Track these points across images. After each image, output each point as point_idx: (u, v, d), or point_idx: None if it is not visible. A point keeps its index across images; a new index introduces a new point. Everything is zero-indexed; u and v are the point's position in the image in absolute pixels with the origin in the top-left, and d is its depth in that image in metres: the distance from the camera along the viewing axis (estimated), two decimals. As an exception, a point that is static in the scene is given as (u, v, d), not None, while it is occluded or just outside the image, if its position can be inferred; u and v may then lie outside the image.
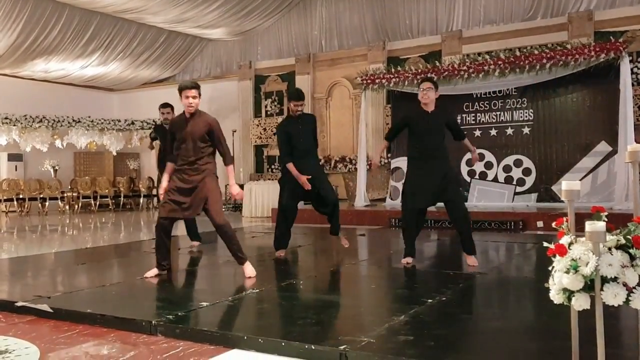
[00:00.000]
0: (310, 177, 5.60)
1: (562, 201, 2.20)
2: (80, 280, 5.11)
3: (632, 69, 9.75)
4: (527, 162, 10.55)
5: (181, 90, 4.72)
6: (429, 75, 10.75)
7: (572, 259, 2.01)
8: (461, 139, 5.45)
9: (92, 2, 13.13)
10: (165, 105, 7.05)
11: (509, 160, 10.68)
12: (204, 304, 3.75)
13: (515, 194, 10.55)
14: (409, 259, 5.25)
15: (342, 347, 2.69)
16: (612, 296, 1.94)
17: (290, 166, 5.66)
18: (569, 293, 2.02)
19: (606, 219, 2.06)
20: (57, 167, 15.53)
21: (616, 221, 2.15)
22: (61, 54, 14.69)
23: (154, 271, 4.87)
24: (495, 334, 3.10)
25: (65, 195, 15.23)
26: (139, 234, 9.36)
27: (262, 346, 2.87)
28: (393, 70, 11.44)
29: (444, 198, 5.14)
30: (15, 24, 12.95)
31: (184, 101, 4.69)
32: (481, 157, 10.86)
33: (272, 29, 15.45)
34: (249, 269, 4.77)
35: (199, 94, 4.75)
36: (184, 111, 4.78)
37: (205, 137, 4.73)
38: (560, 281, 2.03)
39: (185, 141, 4.71)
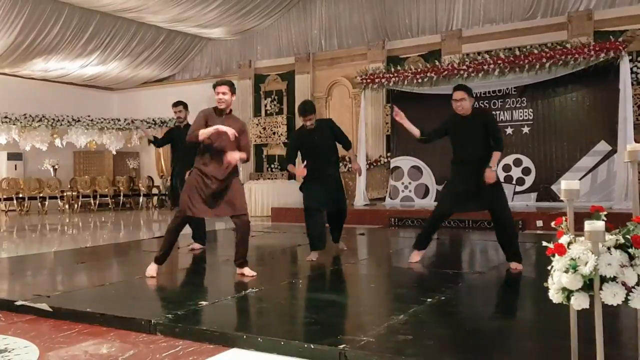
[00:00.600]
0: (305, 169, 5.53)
1: (562, 200, 2.20)
2: (79, 279, 5.11)
3: (631, 69, 9.74)
4: (527, 162, 10.56)
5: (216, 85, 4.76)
6: (427, 74, 10.76)
7: (571, 259, 2.01)
8: (494, 149, 4.88)
9: (91, 1, 13.12)
10: (176, 103, 6.67)
11: (509, 159, 10.68)
12: (204, 303, 3.75)
13: (515, 193, 10.55)
14: (417, 256, 5.24)
15: (341, 347, 2.69)
16: (611, 296, 1.94)
17: (289, 167, 5.72)
18: (568, 292, 2.02)
19: (605, 219, 2.06)
20: (56, 166, 15.53)
21: (615, 220, 2.15)
22: (61, 53, 14.68)
23: (155, 267, 4.83)
24: (495, 333, 3.11)
25: (65, 194, 15.24)
26: (138, 233, 9.36)
27: (262, 345, 2.87)
28: (393, 69, 11.44)
29: (486, 206, 4.90)
30: (14, 23, 12.94)
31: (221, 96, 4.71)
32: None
33: (271, 28, 15.44)
34: (248, 271, 4.78)
35: (231, 92, 4.75)
36: (216, 107, 4.76)
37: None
38: (559, 280, 2.03)
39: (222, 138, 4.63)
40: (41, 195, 14.72)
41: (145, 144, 17.07)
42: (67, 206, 15.19)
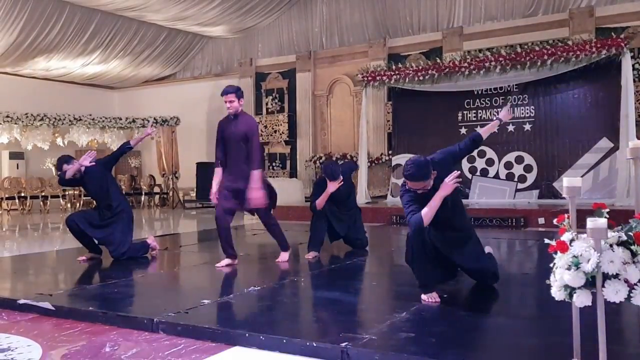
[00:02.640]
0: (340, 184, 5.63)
1: (564, 198, 2.20)
2: (81, 278, 5.11)
3: (633, 65, 9.74)
4: (529, 159, 10.55)
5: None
6: (429, 72, 10.74)
7: (574, 256, 2.00)
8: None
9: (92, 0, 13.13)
10: (58, 164, 5.89)
11: (510, 157, 10.67)
12: (206, 301, 3.75)
13: (517, 190, 10.54)
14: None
15: (343, 344, 2.69)
16: (614, 293, 1.94)
17: (318, 204, 5.73)
18: (571, 289, 2.02)
19: (607, 216, 2.06)
20: (58, 165, 15.54)
21: (618, 218, 2.14)
22: (62, 52, 14.69)
23: (226, 261, 5.20)
24: (497, 330, 3.10)
25: (67, 193, 15.25)
26: (140, 232, 9.36)
27: (264, 343, 2.87)
28: (394, 67, 11.43)
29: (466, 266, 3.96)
30: (16, 22, 12.95)
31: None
32: (482, 153, 10.85)
33: (272, 26, 15.44)
34: (285, 256, 5.43)
35: (237, 97, 4.97)
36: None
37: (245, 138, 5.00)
38: (561, 278, 2.03)
39: (228, 142, 5.03)
40: (43, 194, 14.74)
41: (146, 143, 17.11)
42: (69, 205, 15.21)
